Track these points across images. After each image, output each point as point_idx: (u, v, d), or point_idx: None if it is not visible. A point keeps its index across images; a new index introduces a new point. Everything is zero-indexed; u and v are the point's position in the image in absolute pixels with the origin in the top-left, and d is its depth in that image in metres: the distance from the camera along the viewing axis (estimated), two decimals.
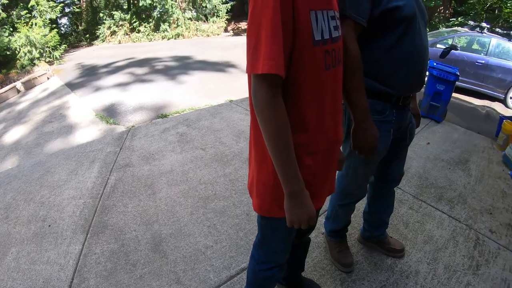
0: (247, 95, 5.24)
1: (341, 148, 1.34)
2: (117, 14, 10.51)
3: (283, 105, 0.94)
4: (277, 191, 1.06)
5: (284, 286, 1.84)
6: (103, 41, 10.69)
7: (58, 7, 9.14)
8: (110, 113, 4.47)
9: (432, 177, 3.55)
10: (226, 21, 13.23)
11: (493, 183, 3.71)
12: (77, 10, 12.03)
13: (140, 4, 10.40)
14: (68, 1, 12.26)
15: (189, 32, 11.42)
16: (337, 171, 1.39)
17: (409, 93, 1.53)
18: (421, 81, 1.53)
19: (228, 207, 2.43)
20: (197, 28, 11.91)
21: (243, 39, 11.11)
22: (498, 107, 7.92)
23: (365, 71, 1.37)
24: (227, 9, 12.82)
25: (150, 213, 2.38)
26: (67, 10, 11.92)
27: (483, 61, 7.98)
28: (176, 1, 11.22)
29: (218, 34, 12.52)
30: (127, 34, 10.66)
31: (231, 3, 13.09)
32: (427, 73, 1.73)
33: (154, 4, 10.52)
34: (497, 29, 10.66)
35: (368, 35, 1.37)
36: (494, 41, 8.06)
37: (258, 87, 0.92)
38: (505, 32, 10.53)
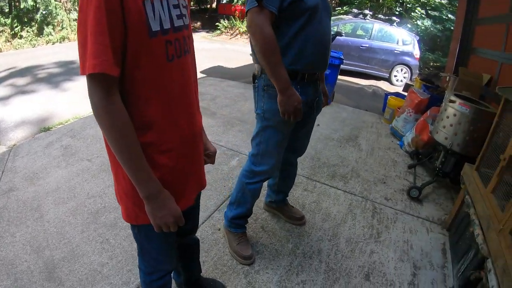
0: None
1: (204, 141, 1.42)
2: None
3: (121, 105, 0.92)
4: (138, 197, 1.05)
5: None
6: None
7: None
8: None
9: (324, 157, 3.93)
10: None
11: (383, 154, 4.23)
12: None
13: (22, 6, 10.23)
14: None
15: (75, 34, 11.37)
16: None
17: (312, 71, 1.91)
18: (324, 62, 1.93)
19: (119, 218, 2.49)
20: None
21: None
22: (384, 85, 9.17)
23: (281, 53, 1.78)
24: None
25: (39, 239, 2.34)
26: None
27: (367, 45, 9.44)
28: (60, 1, 11.25)
29: None
30: (8, 41, 10.21)
31: None
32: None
33: (37, 6, 10.42)
34: (380, 16, 12.27)
35: (280, 23, 1.75)
36: (377, 26, 9.61)
37: (91, 89, 0.89)
38: (387, 18, 11.88)
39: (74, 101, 5.27)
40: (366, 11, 11.43)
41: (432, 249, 2.61)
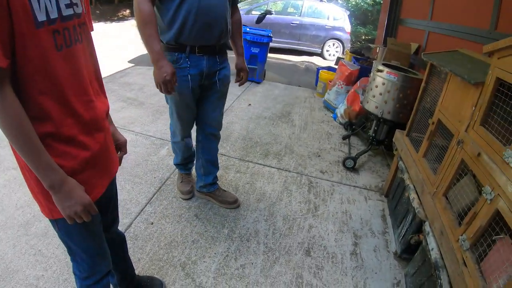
0: None
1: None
2: None
3: (13, 97, 0.88)
4: (45, 189, 1.03)
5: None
6: None
7: None
8: None
9: (256, 136, 3.80)
10: None
11: (317, 128, 4.20)
12: None
13: None
14: None
15: None
16: None
17: (200, 43, 1.97)
18: (211, 35, 1.96)
19: (50, 226, 2.24)
20: None
21: None
22: (316, 60, 9.24)
23: (162, 29, 1.92)
24: None
25: None
26: None
27: (298, 22, 9.48)
28: None
29: None
30: None
31: None
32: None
33: None
34: None
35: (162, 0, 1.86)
36: (307, 3, 9.65)
37: None
38: None
39: None
40: None
41: (371, 217, 2.60)
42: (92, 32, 1.18)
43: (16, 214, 2.45)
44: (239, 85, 2.41)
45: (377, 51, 5.39)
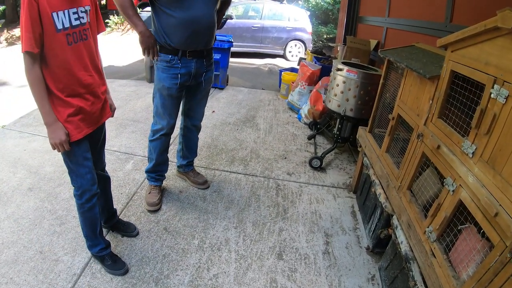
0: (20, 114, 4.71)
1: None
2: None
3: (37, 68, 1.57)
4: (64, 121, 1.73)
5: (106, 228, 2.37)
6: None
7: None
8: None
9: (221, 143, 3.78)
10: None
11: (282, 130, 4.20)
12: None
13: None
14: None
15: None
16: None
17: (189, 48, 2.28)
18: (197, 41, 2.27)
19: (20, 252, 2.28)
20: None
21: (19, 49, 9.88)
22: (280, 62, 9.30)
23: (162, 33, 2.23)
24: None
25: None
26: None
27: (259, 25, 9.51)
28: None
29: None
30: None
31: (2, 7, 13.16)
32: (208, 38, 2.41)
33: None
34: None
35: (159, 8, 2.18)
36: (267, 6, 9.70)
37: (24, 59, 1.54)
38: None
39: None
40: None
41: (341, 214, 2.61)
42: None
43: None
44: None
45: (338, 49, 5.46)
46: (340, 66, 3.16)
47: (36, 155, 3.32)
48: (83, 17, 1.70)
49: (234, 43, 6.03)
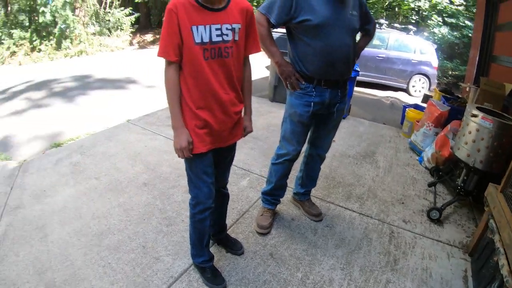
0: (145, 112, 5.64)
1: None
2: (16, 33, 10.70)
3: (174, 75, 1.71)
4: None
5: (213, 240, 2.42)
6: (3, 63, 9.96)
7: None
8: (2, 147, 4.39)
9: (339, 176, 3.76)
10: (131, 34, 14.55)
11: (402, 171, 4.05)
12: None
13: (41, 21, 10.77)
14: None
15: (92, 47, 12.24)
16: None
17: (325, 78, 2.29)
18: (333, 71, 2.28)
19: (123, 241, 2.49)
20: (101, 43, 12.79)
21: (148, 52, 13.19)
22: (402, 96, 9.01)
23: (297, 60, 2.30)
24: (131, 22, 14.09)
25: (42, 260, 2.33)
26: None
27: (384, 55, 9.34)
28: (78, 16, 11.97)
29: (122, 48, 13.66)
30: (27, 54, 10.75)
31: (136, 15, 14.40)
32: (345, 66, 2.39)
33: (56, 20, 11.03)
34: (396, 25, 12.47)
35: (296, 35, 2.25)
36: (393, 36, 9.51)
37: (165, 65, 1.72)
38: (403, 26, 11.83)
39: (87, 116, 5.34)
40: (382, 20, 11.32)
41: (452, 277, 2.44)
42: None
43: (92, 224, 2.62)
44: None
45: (467, 90, 5.08)
46: (475, 112, 2.95)
47: (155, 153, 3.73)
48: (227, 35, 1.73)
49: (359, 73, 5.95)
